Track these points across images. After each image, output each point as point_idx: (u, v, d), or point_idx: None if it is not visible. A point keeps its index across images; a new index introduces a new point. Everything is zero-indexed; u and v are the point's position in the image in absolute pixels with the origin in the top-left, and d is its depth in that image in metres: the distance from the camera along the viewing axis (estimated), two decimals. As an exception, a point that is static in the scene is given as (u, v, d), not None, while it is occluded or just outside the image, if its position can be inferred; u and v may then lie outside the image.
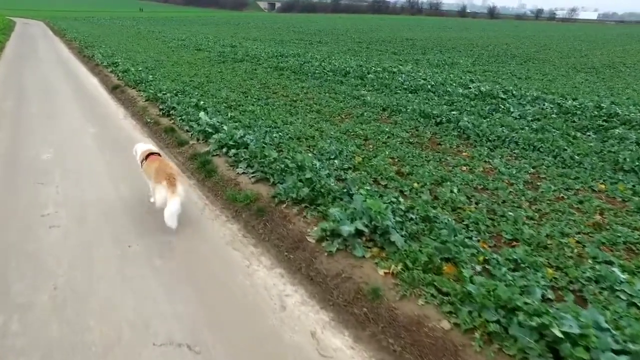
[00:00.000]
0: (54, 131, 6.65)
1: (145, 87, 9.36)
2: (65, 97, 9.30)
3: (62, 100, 8.98)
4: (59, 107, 8.28)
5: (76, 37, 22.59)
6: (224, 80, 10.82)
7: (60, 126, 6.97)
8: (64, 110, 8.03)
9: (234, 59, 15.40)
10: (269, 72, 12.41)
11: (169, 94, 8.26)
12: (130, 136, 6.45)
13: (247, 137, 5.34)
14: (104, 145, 6.05)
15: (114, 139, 6.32)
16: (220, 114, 7.15)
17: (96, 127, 6.97)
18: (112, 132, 6.71)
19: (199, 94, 8.93)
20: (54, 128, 6.83)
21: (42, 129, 6.72)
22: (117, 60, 13.30)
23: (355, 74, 11.44)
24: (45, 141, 6.10)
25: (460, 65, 15.86)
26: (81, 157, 5.54)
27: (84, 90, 10.10)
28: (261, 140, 5.51)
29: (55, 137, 6.34)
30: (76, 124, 7.14)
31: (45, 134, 6.46)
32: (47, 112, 7.79)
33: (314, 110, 7.88)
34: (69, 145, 6.01)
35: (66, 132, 6.65)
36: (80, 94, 9.65)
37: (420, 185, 4.66)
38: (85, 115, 7.70)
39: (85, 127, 6.96)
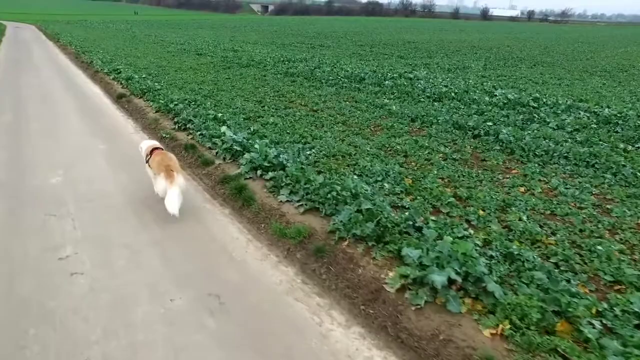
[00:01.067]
0: (61, 149, 6.04)
1: (153, 96, 8.76)
2: (68, 108, 8.66)
3: (65, 112, 8.34)
4: (63, 121, 7.66)
5: (71, 41, 21.85)
6: (235, 88, 10.25)
7: (67, 143, 6.35)
8: (69, 124, 7.41)
9: (239, 64, 14.83)
10: (279, 78, 11.86)
11: (181, 105, 7.68)
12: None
13: (282, 157, 4.79)
14: (119, 164, 5.45)
15: (128, 157, 5.72)
16: (240, 127, 6.59)
17: (106, 142, 6.36)
18: (125, 149, 6.11)
19: (212, 103, 8.36)
20: (60, 145, 6.22)
21: (47, 148, 6.10)
22: (119, 66, 12.66)
23: (372, 81, 10.94)
24: (52, 162, 5.49)
25: (472, 69, 15.44)
26: (95, 180, 4.94)
27: (87, 100, 9.47)
28: (297, 159, 4.96)
29: (63, 156, 5.73)
30: (84, 140, 6.53)
31: (51, 154, 5.84)
32: (50, 127, 7.16)
33: (340, 122, 7.35)
34: (80, 165, 5.41)
35: (74, 150, 6.04)
36: (84, 105, 9.02)
37: (486, 212, 4.15)
38: (93, 130, 7.09)
39: (94, 143, 6.36)
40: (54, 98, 9.62)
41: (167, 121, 7.19)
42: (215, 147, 5.55)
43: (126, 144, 6.38)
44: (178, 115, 7.17)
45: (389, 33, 38.26)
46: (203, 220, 3.99)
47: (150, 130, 6.98)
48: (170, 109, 7.59)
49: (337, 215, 3.68)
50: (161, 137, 6.44)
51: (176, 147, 5.98)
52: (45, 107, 8.73)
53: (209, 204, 4.31)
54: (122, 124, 7.52)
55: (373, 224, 3.42)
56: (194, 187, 4.75)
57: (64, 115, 8.09)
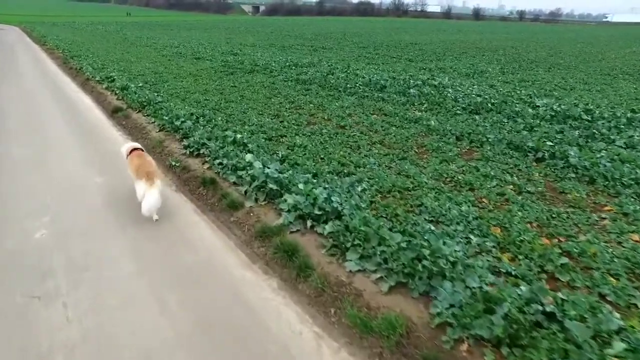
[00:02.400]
0: (47, 185, 4.90)
1: (154, 110, 7.64)
2: (57, 126, 7.49)
3: (53, 131, 7.18)
4: (50, 143, 6.50)
5: (58, 44, 20.50)
6: (245, 99, 9.16)
7: (55, 175, 5.21)
8: (58, 148, 6.26)
9: (243, 69, 13.73)
10: (290, 86, 10.79)
11: (189, 122, 6.58)
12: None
13: (334, 199, 3.74)
14: (123, 207, 4.35)
15: (132, 195, 4.62)
16: (264, 151, 5.53)
17: (103, 174, 5.23)
18: (128, 183, 5.00)
19: (223, 119, 7.27)
20: (46, 179, 5.08)
21: (30, 183, 4.96)
22: (112, 74, 11.48)
23: (395, 89, 9.93)
24: (36, 204, 4.36)
25: (490, 73, 14.52)
26: (93, 233, 3.84)
27: (78, 115, 8.29)
28: (351, 200, 3.92)
29: (50, 195, 4.60)
30: (75, 170, 5.39)
31: (34, 191, 4.70)
32: (34, 153, 6.01)
33: (376, 142, 6.32)
34: (71, 209, 4.29)
35: (64, 185, 4.90)
36: (75, 121, 7.85)
37: (619, 280, 3.15)
38: (86, 156, 5.95)
39: (88, 174, 5.23)
40: (40, 113, 8.43)
41: (174, 143, 6.08)
42: (242, 183, 4.47)
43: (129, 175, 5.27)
44: (187, 136, 6.08)
45: (388, 34, 37.36)
46: (246, 299, 2.92)
47: (155, 154, 5.87)
48: (177, 128, 6.49)
49: (438, 298, 2.66)
50: (170, 165, 5.33)
51: (190, 180, 4.88)
52: (30, 125, 7.56)
53: (249, 270, 3.24)
54: (121, 146, 6.38)
55: (500, 317, 2.40)
56: (222, 241, 3.67)
57: (52, 135, 6.93)
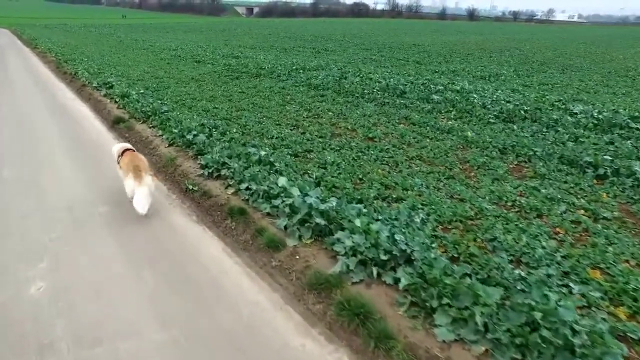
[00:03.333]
0: (43, 216, 4.17)
1: (161, 121, 6.93)
2: (52, 140, 6.74)
3: (48, 146, 6.43)
4: (45, 161, 5.77)
5: (51, 48, 19.64)
6: (257, 106, 8.47)
7: (51, 203, 4.47)
8: (54, 168, 5.52)
9: (248, 73, 13.04)
10: (302, 91, 10.11)
11: (202, 135, 5.88)
12: (171, 223, 4.05)
13: (398, 238, 3.07)
14: (134, 246, 3.64)
15: (143, 225, 3.92)
16: (294, 171, 4.85)
17: (108, 201, 4.50)
18: (135, 218, 4.28)
19: (238, 130, 6.59)
20: (42, 208, 4.34)
21: (23, 213, 4.23)
22: (110, 79, 10.73)
23: (416, 95, 9.29)
24: (30, 244, 3.63)
25: (505, 76, 13.95)
26: (101, 285, 3.13)
27: (76, 127, 7.55)
28: (414, 237, 3.25)
29: (46, 231, 3.87)
30: (75, 196, 4.65)
31: (27, 226, 3.98)
32: (27, 174, 5.26)
33: (415, 157, 5.66)
34: (74, 251, 3.56)
35: (62, 216, 4.17)
36: (72, 134, 7.11)
37: None
38: (87, 177, 5.22)
39: (90, 202, 4.50)
40: (33, 125, 7.68)
41: (188, 161, 5.37)
42: (278, 214, 3.77)
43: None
44: (203, 152, 5.37)
45: (387, 35, 36.83)
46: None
47: (166, 175, 5.17)
48: (189, 142, 5.79)
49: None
50: (186, 189, 4.62)
51: (213, 209, 4.17)
52: (22, 139, 6.81)
53: (307, 337, 2.55)
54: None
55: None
56: (266, 294, 2.97)
57: (47, 152, 6.18)
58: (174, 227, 3.89)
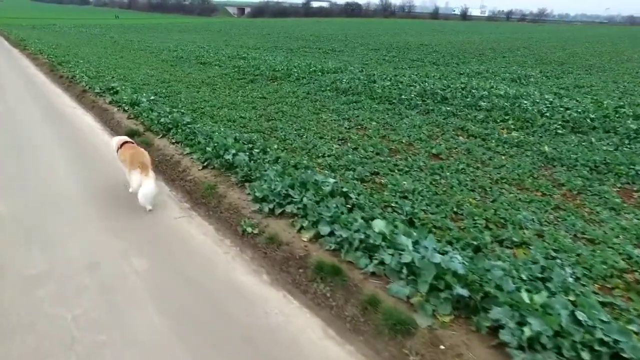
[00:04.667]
0: (57, 285, 3.12)
1: (185, 136, 5.91)
2: (55, 163, 5.65)
3: (51, 172, 5.33)
4: (50, 192, 4.69)
5: (42, 49, 18.37)
6: (287, 115, 7.49)
7: (64, 256, 3.44)
8: (62, 203, 4.43)
9: (262, 75, 12.04)
10: (331, 96, 9.15)
11: (243, 154, 4.88)
12: (236, 284, 3.05)
13: (582, 319, 2.14)
14: (194, 326, 2.65)
15: (202, 295, 2.93)
16: (369, 201, 3.90)
17: (143, 253, 3.45)
18: (185, 269, 3.28)
19: (280, 146, 5.61)
20: (51, 267, 3.30)
21: (28, 274, 3.18)
22: (113, 84, 9.65)
23: (461, 101, 8.38)
24: (31, 320, 2.63)
25: (535, 78, 13.14)
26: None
27: (82, 144, 6.47)
28: (592, 312, 2.32)
29: (53, 303, 2.85)
30: (95, 246, 3.59)
31: (35, 298, 2.94)
32: (28, 212, 4.19)
33: (499, 179, 4.74)
34: (111, 339, 2.57)
35: (82, 282, 3.13)
36: (79, 154, 6.02)
37: None
38: (107, 214, 4.18)
39: (117, 256, 3.46)
40: (31, 141, 6.59)
41: (233, 190, 4.36)
42: (387, 274, 2.80)
43: (182, 257, 3.48)
44: (250, 177, 4.38)
45: (389, 35, 36.01)
46: None
47: (209, 209, 4.16)
48: (229, 164, 4.79)
49: None
50: (243, 231, 3.62)
51: (289, 262, 3.15)
52: (18, 161, 5.72)
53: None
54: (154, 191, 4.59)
55: None
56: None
57: (51, 179, 5.09)
58: (241, 292, 2.89)
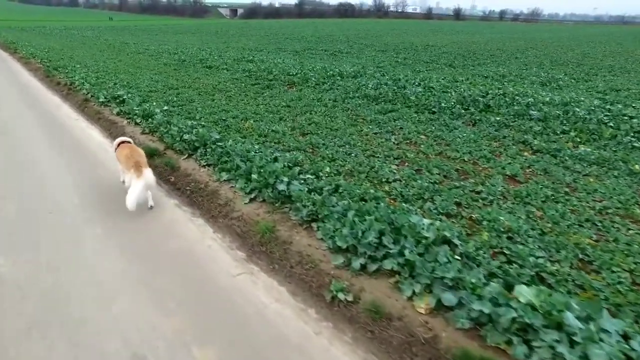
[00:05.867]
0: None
1: (218, 157, 5.04)
2: (57, 193, 4.73)
3: (59, 206, 4.43)
4: (60, 240, 3.78)
5: (34, 53, 17.33)
6: (321, 127, 6.66)
7: (89, 344, 2.58)
8: (77, 256, 3.54)
9: (278, 80, 11.22)
10: (363, 105, 8.32)
11: (297, 184, 4.04)
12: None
13: None
14: None
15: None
16: (478, 249, 3.08)
17: (207, 338, 2.62)
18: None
19: (332, 169, 4.77)
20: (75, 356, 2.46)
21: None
22: (119, 92, 8.74)
23: (506, 109, 7.60)
24: None
25: (565, 82, 12.46)
26: None
27: (92, 168, 5.55)
28: None
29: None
30: (135, 335, 2.76)
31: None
32: (35, 273, 3.29)
33: (602, 209, 3.96)
34: None
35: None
36: (92, 183, 5.09)
37: None
38: (141, 277, 3.31)
39: (165, 347, 2.60)
40: (33, 164, 5.66)
41: (297, 232, 3.48)
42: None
43: (265, 341, 2.60)
44: (316, 215, 3.53)
45: (391, 35, 35.34)
46: None
47: (273, 260, 3.31)
48: (284, 196, 3.94)
49: None
50: (332, 297, 2.77)
51: (414, 351, 2.31)
52: (17, 196, 4.81)
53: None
54: (191, 245, 3.68)
55: None
56: None
57: (60, 225, 4.16)
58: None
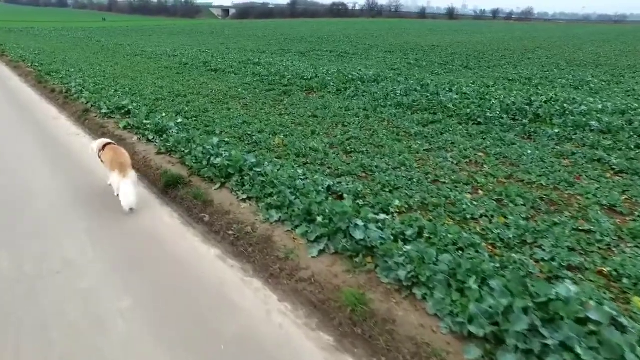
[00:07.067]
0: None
1: (261, 188, 4.16)
2: (66, 245, 3.84)
3: (62, 263, 3.54)
4: (76, 309, 2.92)
5: (24, 56, 16.25)
6: (362, 143, 5.82)
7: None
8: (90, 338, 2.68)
9: (294, 85, 10.41)
10: (398, 115, 7.47)
11: (375, 229, 3.19)
12: None
13: None
14: None
15: None
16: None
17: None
18: None
19: (402, 203, 3.92)
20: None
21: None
22: (123, 102, 7.81)
23: (558, 118, 6.82)
24: None
25: (596, 84, 11.75)
26: None
27: (102, 203, 4.61)
28: None
29: None
30: None
31: None
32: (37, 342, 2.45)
33: None
34: None
35: None
36: (103, 225, 4.18)
37: None
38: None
39: None
40: (30, 198, 4.72)
41: (402, 308, 2.62)
42: None
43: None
44: (417, 278, 2.69)
45: (392, 36, 34.61)
46: None
47: (380, 353, 2.46)
48: (363, 246, 3.08)
49: None
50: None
51: None
52: (5, 240, 3.90)
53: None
54: (259, 319, 2.78)
55: None
56: None
57: (68, 272, 3.30)
58: None
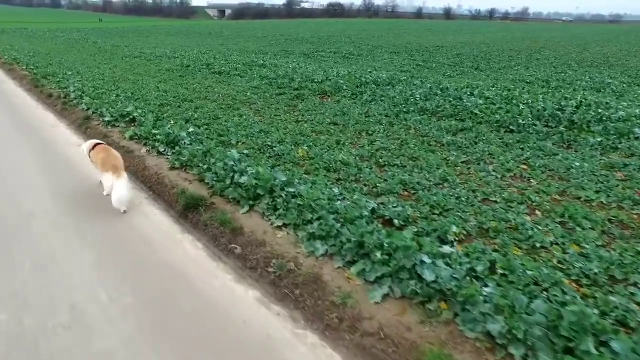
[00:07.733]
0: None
1: (298, 213, 3.65)
2: (75, 291, 3.32)
3: (69, 317, 3.01)
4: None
5: (17, 58, 15.61)
6: (394, 155, 5.33)
7: None
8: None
9: (306, 88, 9.97)
10: (424, 122, 6.98)
11: (444, 267, 2.70)
12: None
13: None
14: None
15: None
16: None
17: None
18: None
19: (460, 230, 3.43)
20: None
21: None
22: (127, 108, 7.28)
23: (596, 125, 6.37)
24: None
25: (617, 87, 11.36)
26: None
27: (115, 229, 4.09)
28: None
29: None
30: None
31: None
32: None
33: None
34: None
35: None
36: (105, 240, 3.63)
37: None
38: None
39: None
40: (29, 228, 4.18)
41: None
42: None
43: None
44: (511, 332, 2.20)
45: (393, 36, 34.24)
46: None
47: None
48: (435, 290, 2.58)
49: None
50: None
51: None
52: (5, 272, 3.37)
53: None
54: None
55: None
56: None
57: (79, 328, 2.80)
58: None
